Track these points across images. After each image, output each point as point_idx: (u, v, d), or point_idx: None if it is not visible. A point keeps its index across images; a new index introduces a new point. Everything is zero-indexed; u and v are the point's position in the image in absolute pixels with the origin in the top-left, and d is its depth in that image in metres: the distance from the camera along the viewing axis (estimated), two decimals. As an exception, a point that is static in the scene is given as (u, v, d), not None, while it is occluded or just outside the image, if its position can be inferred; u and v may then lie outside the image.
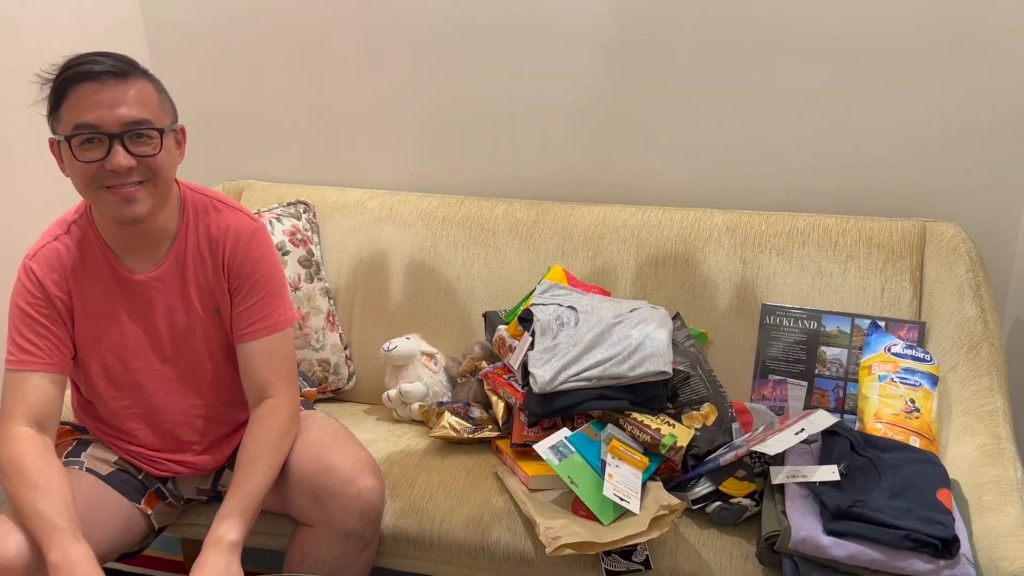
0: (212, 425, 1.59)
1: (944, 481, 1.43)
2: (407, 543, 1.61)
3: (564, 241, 1.99)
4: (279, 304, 1.54)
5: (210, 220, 1.52)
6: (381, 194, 2.17)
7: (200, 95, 2.32)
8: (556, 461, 1.50)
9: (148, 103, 1.37)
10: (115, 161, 1.33)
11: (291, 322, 1.55)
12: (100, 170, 1.34)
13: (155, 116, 1.37)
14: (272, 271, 1.54)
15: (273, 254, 1.56)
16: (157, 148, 1.37)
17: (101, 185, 1.36)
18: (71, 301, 1.48)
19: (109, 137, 1.33)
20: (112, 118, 1.33)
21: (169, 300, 1.51)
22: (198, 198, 1.53)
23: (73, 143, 1.34)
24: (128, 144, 1.34)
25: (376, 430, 1.90)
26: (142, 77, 1.38)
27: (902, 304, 1.79)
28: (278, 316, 1.53)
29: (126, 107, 1.33)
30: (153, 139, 1.37)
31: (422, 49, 2.12)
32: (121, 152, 1.33)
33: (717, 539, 1.51)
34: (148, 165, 1.37)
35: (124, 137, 1.34)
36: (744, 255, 1.88)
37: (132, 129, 1.34)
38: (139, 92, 1.36)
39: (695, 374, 1.67)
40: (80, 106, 1.32)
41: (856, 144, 1.92)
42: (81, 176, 1.36)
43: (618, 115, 2.05)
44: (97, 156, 1.34)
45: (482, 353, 1.92)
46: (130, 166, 1.34)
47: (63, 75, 1.34)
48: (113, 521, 1.50)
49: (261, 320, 1.51)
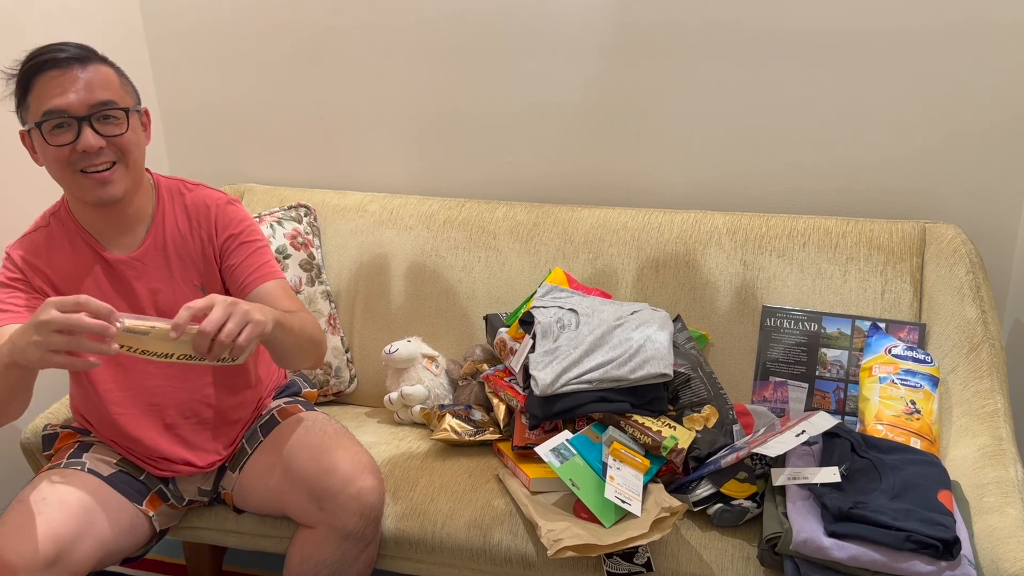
0: (200, 408, 1.59)
1: (945, 482, 1.43)
2: (409, 546, 1.62)
3: (565, 243, 1.99)
4: (270, 258, 1.60)
5: (185, 199, 1.58)
6: (382, 197, 2.17)
7: (200, 98, 2.33)
8: (557, 463, 1.51)
9: (111, 85, 1.42)
10: (85, 142, 1.38)
11: (283, 275, 1.61)
12: (72, 153, 1.39)
13: (119, 97, 1.43)
14: (256, 228, 1.61)
15: (252, 218, 1.62)
16: (124, 127, 1.42)
17: (76, 169, 1.41)
18: (54, 284, 1.51)
19: (78, 120, 1.38)
20: (79, 101, 1.38)
21: (152, 280, 1.54)
22: (169, 182, 1.60)
23: (44, 129, 1.38)
24: (96, 125, 1.39)
25: (377, 433, 1.90)
26: (102, 62, 1.43)
27: (902, 306, 1.79)
28: (272, 267, 1.58)
29: (91, 90, 1.39)
30: (120, 119, 1.42)
31: (422, 52, 2.13)
32: (90, 133, 1.38)
33: (718, 541, 1.51)
34: (117, 145, 1.42)
35: (92, 119, 1.39)
36: (744, 257, 1.88)
37: (99, 111, 1.39)
38: (101, 75, 1.41)
39: (696, 376, 1.67)
40: (46, 93, 1.37)
41: (856, 146, 1.93)
42: (55, 161, 1.41)
43: (618, 117, 2.05)
44: (67, 139, 1.39)
45: (483, 356, 1.93)
46: (100, 146, 1.39)
47: (27, 66, 1.39)
48: (116, 523, 1.50)
49: (262, 267, 1.57)
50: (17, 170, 1.92)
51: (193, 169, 2.36)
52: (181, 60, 2.32)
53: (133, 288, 1.53)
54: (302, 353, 1.52)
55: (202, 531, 1.72)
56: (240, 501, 1.65)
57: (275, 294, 1.55)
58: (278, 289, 1.56)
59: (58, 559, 1.37)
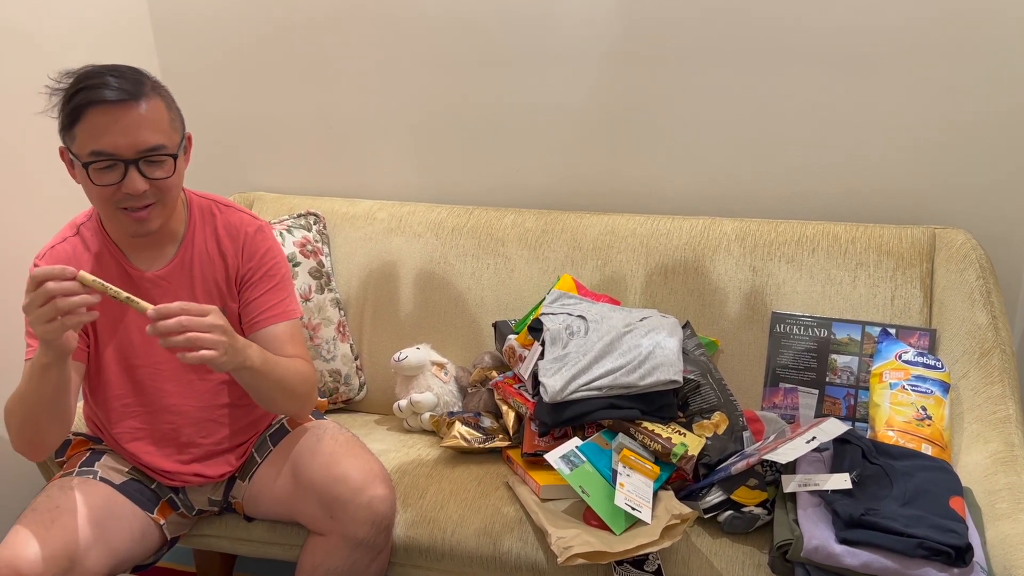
0: (214, 427, 1.60)
1: (957, 489, 1.42)
2: (419, 553, 1.62)
3: (573, 250, 1.99)
4: (288, 295, 1.60)
5: (216, 220, 1.57)
6: (391, 205, 2.18)
7: (210, 108, 2.34)
8: (567, 470, 1.50)
9: (161, 125, 1.40)
10: (131, 185, 1.38)
11: (299, 314, 1.61)
12: (117, 192, 1.39)
13: (168, 138, 1.41)
14: (280, 262, 1.60)
15: (279, 248, 1.62)
16: (170, 171, 1.42)
17: (118, 207, 1.41)
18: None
19: (125, 163, 1.37)
20: (127, 145, 1.36)
21: (176, 299, 1.52)
22: (202, 201, 1.59)
23: (91, 169, 1.37)
24: (143, 168, 1.38)
25: (387, 440, 1.90)
26: (153, 94, 1.40)
27: (912, 311, 1.78)
28: (287, 305, 1.58)
29: (141, 134, 1.37)
30: (166, 163, 1.41)
31: (430, 60, 2.14)
32: (137, 176, 1.38)
33: (729, 548, 1.50)
34: (159, 187, 1.41)
35: (139, 163, 1.38)
36: (754, 263, 1.88)
37: (147, 156, 1.38)
38: (152, 114, 1.38)
39: (706, 383, 1.67)
40: (96, 132, 1.35)
41: (865, 151, 1.92)
42: (99, 197, 1.41)
43: (626, 124, 2.05)
44: (113, 180, 1.38)
45: (492, 363, 1.93)
46: (145, 189, 1.39)
47: (76, 95, 1.36)
48: (128, 531, 1.51)
49: (275, 307, 1.56)
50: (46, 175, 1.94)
51: (203, 178, 2.37)
52: (191, 70, 2.33)
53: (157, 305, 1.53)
54: (274, 403, 1.53)
55: (213, 539, 1.73)
56: (251, 509, 1.65)
57: (281, 339, 1.54)
58: (285, 333, 1.55)
59: (71, 567, 1.38)
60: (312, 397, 1.59)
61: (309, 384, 1.56)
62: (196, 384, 1.57)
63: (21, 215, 1.99)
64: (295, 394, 1.53)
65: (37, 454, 1.46)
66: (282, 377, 1.49)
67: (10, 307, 1.94)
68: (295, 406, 1.57)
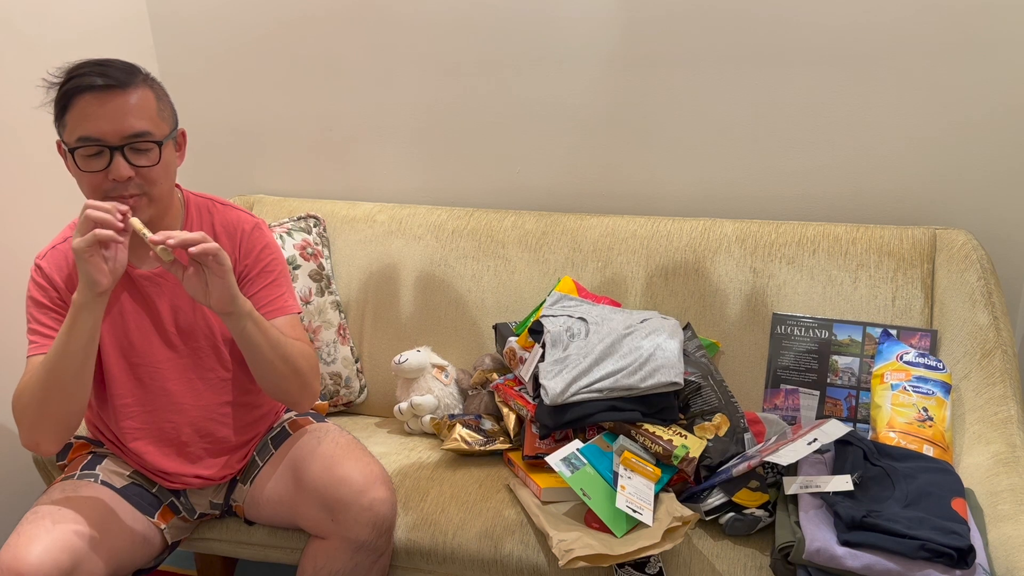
0: (215, 427, 1.60)
1: (959, 490, 1.42)
2: (420, 556, 1.61)
3: (574, 252, 1.99)
4: (287, 290, 1.60)
5: (214, 219, 1.58)
6: (391, 207, 2.18)
7: (210, 110, 2.34)
8: (568, 473, 1.50)
9: (148, 113, 1.41)
10: (116, 171, 1.39)
11: (298, 309, 1.61)
12: (105, 180, 1.40)
13: (155, 126, 1.42)
14: (277, 258, 1.61)
15: (276, 245, 1.63)
16: (156, 159, 1.43)
17: (106, 195, 1.41)
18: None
19: (111, 149, 1.38)
20: (114, 131, 1.38)
21: (174, 297, 1.55)
22: (200, 200, 1.60)
23: (77, 154, 1.39)
24: (128, 155, 1.40)
25: (388, 443, 1.90)
26: (143, 85, 1.42)
27: (913, 312, 1.78)
28: (286, 300, 1.59)
29: (127, 120, 1.39)
30: (152, 151, 1.42)
31: (430, 62, 2.14)
32: (122, 162, 1.39)
33: (731, 550, 1.50)
34: (145, 176, 1.42)
35: (125, 149, 1.39)
36: (754, 264, 1.88)
37: (132, 142, 1.39)
38: (140, 103, 1.40)
39: (707, 384, 1.67)
40: (83, 118, 1.37)
41: (865, 152, 1.92)
42: (87, 185, 1.42)
43: (627, 125, 2.05)
44: (100, 166, 1.39)
45: (493, 365, 1.93)
46: (130, 176, 1.40)
47: (67, 84, 1.39)
48: (129, 535, 1.51)
49: (274, 301, 1.57)
50: (49, 174, 1.94)
51: (203, 180, 2.37)
52: (191, 73, 2.33)
53: (155, 304, 1.54)
54: (276, 375, 1.50)
55: (214, 543, 1.73)
56: (252, 513, 1.65)
57: (283, 330, 1.54)
58: (286, 326, 1.56)
59: (73, 570, 1.38)
60: (315, 378, 1.57)
61: (311, 361, 1.56)
62: (196, 383, 1.57)
63: (22, 215, 1.99)
64: (297, 368, 1.52)
65: (52, 438, 1.43)
66: (281, 343, 1.49)
67: (11, 307, 1.94)
68: (297, 383, 1.53)
